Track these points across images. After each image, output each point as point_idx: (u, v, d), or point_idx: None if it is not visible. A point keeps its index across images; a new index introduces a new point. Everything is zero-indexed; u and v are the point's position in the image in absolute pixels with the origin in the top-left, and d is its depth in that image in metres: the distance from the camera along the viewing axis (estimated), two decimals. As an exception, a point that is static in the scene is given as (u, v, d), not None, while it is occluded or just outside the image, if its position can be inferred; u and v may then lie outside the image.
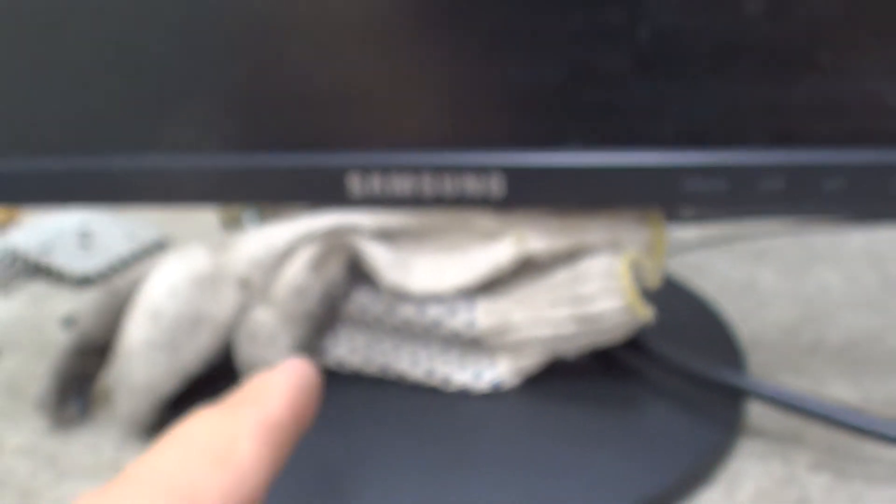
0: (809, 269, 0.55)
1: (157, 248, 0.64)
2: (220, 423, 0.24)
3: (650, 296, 0.37)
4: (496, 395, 0.40)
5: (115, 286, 0.41)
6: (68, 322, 0.53)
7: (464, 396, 0.40)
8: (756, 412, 0.40)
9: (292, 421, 0.26)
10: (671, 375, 0.40)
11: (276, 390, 0.26)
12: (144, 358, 0.39)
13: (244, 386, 0.26)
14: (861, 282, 0.53)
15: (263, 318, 0.38)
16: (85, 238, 0.64)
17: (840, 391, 0.42)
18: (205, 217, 0.70)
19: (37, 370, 0.49)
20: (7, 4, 0.36)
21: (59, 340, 0.52)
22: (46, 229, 0.65)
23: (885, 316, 0.49)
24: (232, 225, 0.66)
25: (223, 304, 0.39)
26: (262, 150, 0.37)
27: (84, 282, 0.60)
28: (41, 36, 0.37)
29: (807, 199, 0.35)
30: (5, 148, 0.39)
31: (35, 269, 0.61)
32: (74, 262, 0.60)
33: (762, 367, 0.45)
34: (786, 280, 0.54)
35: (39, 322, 0.55)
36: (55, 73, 0.37)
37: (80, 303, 0.57)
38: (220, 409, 0.25)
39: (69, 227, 0.65)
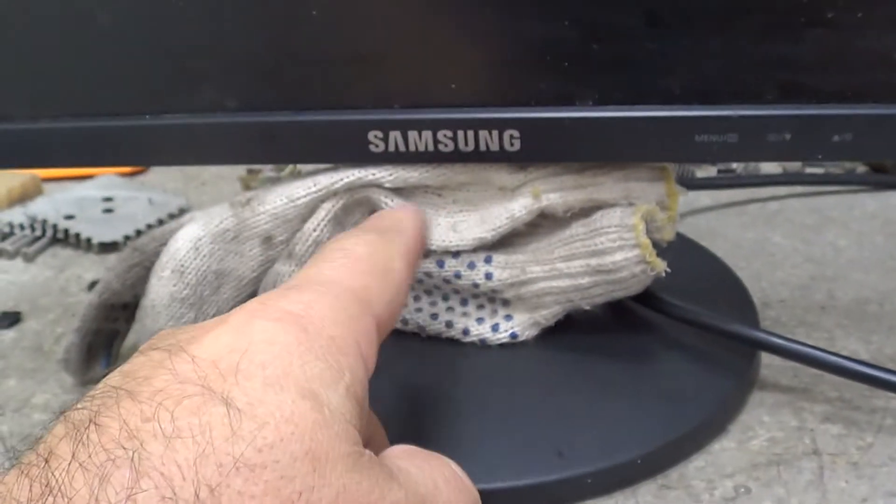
0: (821, 232, 0.56)
1: (180, 216, 0.65)
2: (377, 243, 0.29)
3: (664, 251, 0.37)
4: (513, 346, 0.41)
5: (141, 243, 0.42)
6: (93, 287, 0.55)
7: (482, 347, 0.41)
8: (768, 365, 0.41)
9: (420, 251, 0.32)
10: (685, 328, 0.40)
11: (410, 224, 0.32)
12: (170, 313, 0.40)
13: (379, 217, 0.33)
14: (872, 244, 0.54)
15: (287, 272, 0.39)
16: (108, 207, 0.65)
17: (850, 347, 0.43)
18: (227, 186, 0.71)
19: (61, 331, 0.50)
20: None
21: (83, 303, 0.54)
22: (70, 199, 0.66)
23: (895, 276, 0.50)
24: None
25: (246, 260, 0.40)
26: (285, 109, 0.38)
27: (108, 249, 0.61)
28: (64, 4, 0.38)
29: (814, 150, 0.35)
30: (33, 111, 0.40)
31: (58, 237, 0.62)
32: (98, 229, 0.61)
33: (774, 322, 0.45)
34: (797, 242, 0.55)
35: (64, 286, 0.56)
36: (79, 38, 0.38)
37: (105, 270, 0.59)
38: (369, 232, 0.30)
39: (93, 196, 0.66)
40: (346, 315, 0.25)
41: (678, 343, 0.41)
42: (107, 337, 0.44)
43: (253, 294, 0.41)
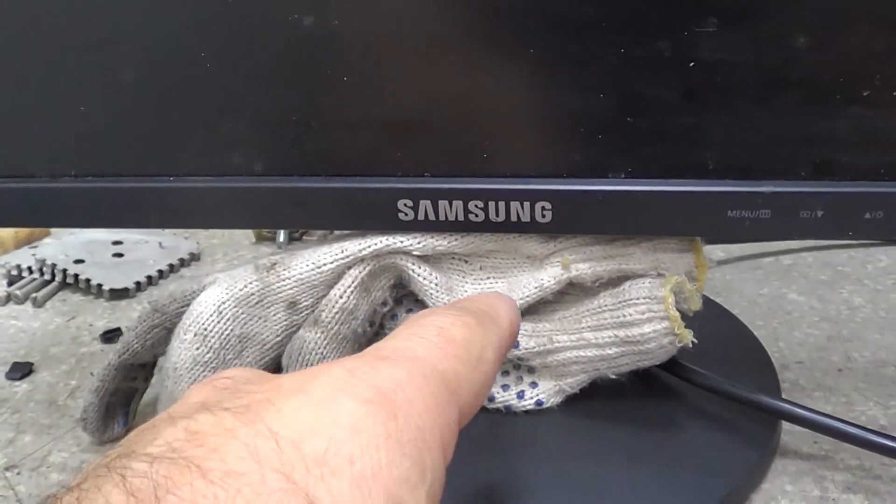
0: (835, 288, 0.56)
1: (191, 261, 0.65)
2: (474, 329, 0.28)
3: (690, 320, 0.37)
4: (538, 413, 0.41)
5: (161, 304, 0.41)
6: (106, 337, 0.54)
7: (507, 414, 0.41)
8: (789, 431, 0.41)
9: (511, 345, 0.30)
10: (709, 395, 0.40)
11: (507, 315, 0.30)
12: (192, 376, 0.39)
13: (475, 300, 0.31)
14: (886, 303, 0.54)
15: (312, 338, 0.39)
16: (118, 251, 0.64)
17: (869, 412, 0.43)
18: (238, 232, 0.70)
19: (75, 384, 0.50)
20: (52, 27, 0.37)
21: (96, 354, 0.53)
22: (79, 242, 0.65)
23: (911, 336, 0.50)
24: (265, 239, 0.67)
25: (270, 324, 0.40)
26: (314, 175, 0.37)
27: (118, 296, 0.60)
28: (92, 63, 0.37)
29: (846, 228, 0.35)
30: (55, 170, 0.40)
31: (68, 282, 0.62)
32: (108, 275, 0.61)
33: (793, 386, 0.46)
34: (813, 299, 0.55)
35: (75, 335, 0.56)
36: (104, 96, 0.38)
37: (117, 316, 0.58)
38: (465, 314, 0.28)
39: (102, 239, 0.66)
40: (434, 402, 0.24)
41: (701, 410, 0.41)
42: (125, 396, 0.44)
43: (277, 358, 0.40)
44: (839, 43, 0.33)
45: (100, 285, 0.60)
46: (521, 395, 0.41)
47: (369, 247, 0.38)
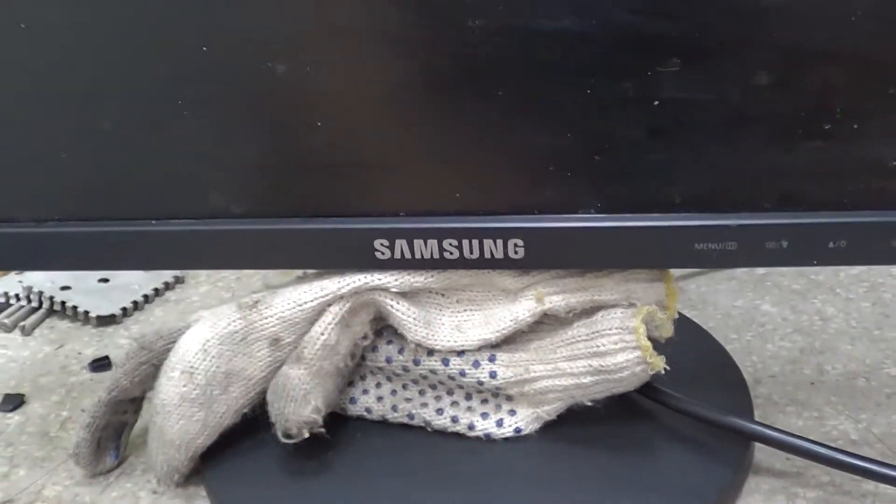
0: (808, 298, 0.58)
1: (176, 284, 0.66)
2: None
3: (661, 346, 0.38)
4: (516, 440, 0.42)
5: (148, 341, 0.42)
6: (95, 365, 0.55)
7: (486, 441, 0.42)
8: (762, 448, 0.42)
9: None
10: (683, 416, 0.41)
11: None
12: (181, 413, 0.40)
13: None
14: (858, 312, 0.55)
15: (296, 374, 0.40)
16: (104, 276, 0.65)
17: (840, 426, 0.44)
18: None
19: (66, 414, 0.51)
20: (35, 77, 0.38)
21: (85, 383, 0.54)
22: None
23: (881, 347, 0.51)
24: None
25: (255, 360, 0.41)
26: (292, 216, 0.38)
27: (105, 322, 0.61)
28: (73, 112, 0.38)
29: (810, 257, 0.37)
30: (38, 215, 0.41)
31: (55, 309, 0.62)
32: (95, 302, 0.62)
33: (766, 401, 0.47)
34: (786, 310, 0.56)
35: (64, 364, 0.57)
36: (86, 144, 0.39)
37: (105, 343, 0.59)
38: None
39: (87, 265, 0.66)
40: None
41: (675, 431, 0.42)
42: (115, 429, 0.45)
43: (262, 393, 0.41)
44: (799, 80, 0.34)
45: (87, 312, 0.61)
46: (499, 423, 0.42)
47: (348, 285, 0.39)
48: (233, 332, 0.41)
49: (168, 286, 0.65)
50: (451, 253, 0.38)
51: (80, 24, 0.37)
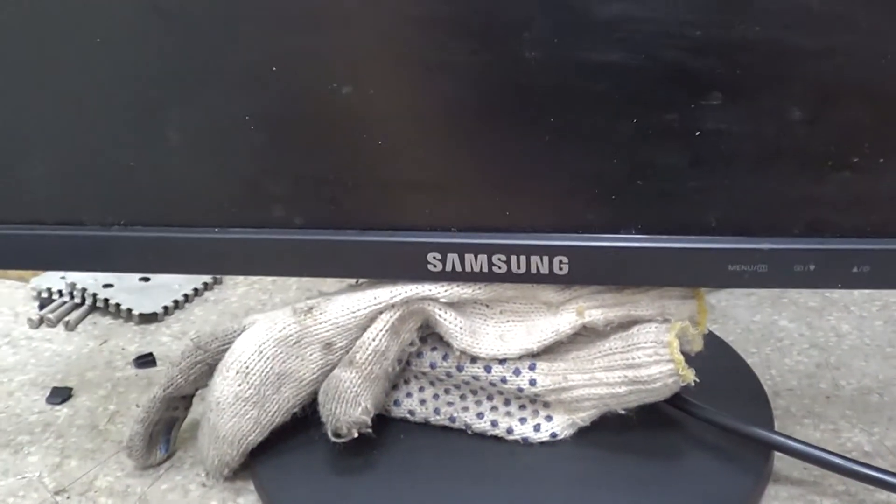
0: (823, 315, 0.60)
1: (214, 285, 0.68)
2: None
3: (691, 360, 0.41)
4: (552, 444, 0.44)
5: (204, 342, 0.45)
6: (139, 362, 0.57)
7: (524, 445, 0.45)
8: (781, 458, 0.44)
9: None
10: (708, 426, 0.44)
11: None
12: (234, 411, 0.43)
13: None
14: (871, 330, 0.58)
15: (348, 378, 0.42)
16: (144, 275, 0.67)
17: (855, 438, 0.47)
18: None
19: (113, 408, 0.53)
20: (108, 92, 0.40)
21: (131, 379, 0.56)
22: (106, 266, 0.68)
23: (893, 364, 0.54)
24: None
25: (307, 363, 0.43)
26: (350, 228, 0.41)
27: (147, 320, 0.63)
28: (145, 124, 0.40)
29: (835, 280, 0.39)
30: (105, 218, 0.43)
31: (98, 306, 0.65)
32: (137, 300, 0.64)
33: (784, 413, 0.49)
34: (803, 326, 0.59)
35: (109, 359, 0.59)
36: (154, 154, 0.41)
37: (148, 340, 0.61)
38: None
39: (128, 264, 0.69)
40: None
41: (700, 439, 0.45)
42: (166, 424, 0.47)
43: (313, 394, 0.44)
44: (831, 116, 0.36)
45: (129, 310, 0.63)
46: (537, 428, 0.44)
47: (400, 294, 0.42)
48: (287, 336, 0.43)
49: (207, 286, 0.67)
50: (500, 267, 0.40)
51: (153, 36, 0.39)
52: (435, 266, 0.41)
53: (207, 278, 0.68)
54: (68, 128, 0.41)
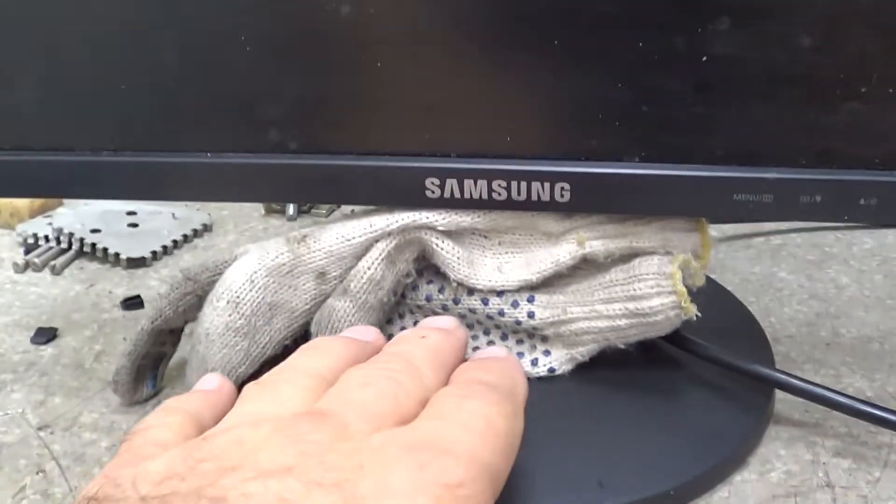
0: (822, 268, 0.59)
1: (203, 232, 0.67)
2: (513, 423, 0.31)
3: (694, 296, 0.40)
4: (550, 379, 0.44)
5: (194, 273, 0.44)
6: (127, 304, 0.56)
7: (521, 381, 0.44)
8: (782, 400, 0.44)
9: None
10: (708, 364, 0.43)
11: (523, 392, 0.34)
12: (224, 342, 0.42)
13: (503, 374, 0.34)
14: (871, 283, 0.57)
15: (342, 307, 0.41)
16: (133, 221, 0.66)
17: (856, 384, 0.46)
18: (247, 204, 0.72)
19: (99, 348, 0.52)
20: (99, 13, 0.39)
21: (118, 320, 0.55)
22: (94, 212, 0.67)
23: (893, 315, 0.53)
24: (274, 212, 0.69)
25: (300, 293, 0.42)
26: (347, 153, 0.40)
27: (135, 264, 0.62)
28: (135, 45, 0.39)
29: (842, 213, 0.38)
30: (95, 144, 0.42)
31: (85, 251, 0.64)
32: (125, 244, 0.63)
33: (784, 358, 0.49)
34: (802, 278, 0.58)
35: (95, 302, 0.58)
36: (145, 76, 0.40)
37: (136, 284, 0.60)
38: (506, 404, 0.31)
39: (116, 210, 0.67)
40: (485, 499, 0.27)
41: (701, 378, 0.44)
42: (154, 359, 0.46)
43: (305, 325, 0.43)
44: (840, 44, 0.35)
45: (117, 254, 0.62)
46: (534, 363, 0.43)
47: (396, 222, 0.41)
48: (280, 265, 0.42)
49: (196, 233, 0.66)
50: (500, 194, 0.39)
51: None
52: (433, 192, 0.40)
53: (197, 225, 0.66)
54: (57, 50, 0.40)
